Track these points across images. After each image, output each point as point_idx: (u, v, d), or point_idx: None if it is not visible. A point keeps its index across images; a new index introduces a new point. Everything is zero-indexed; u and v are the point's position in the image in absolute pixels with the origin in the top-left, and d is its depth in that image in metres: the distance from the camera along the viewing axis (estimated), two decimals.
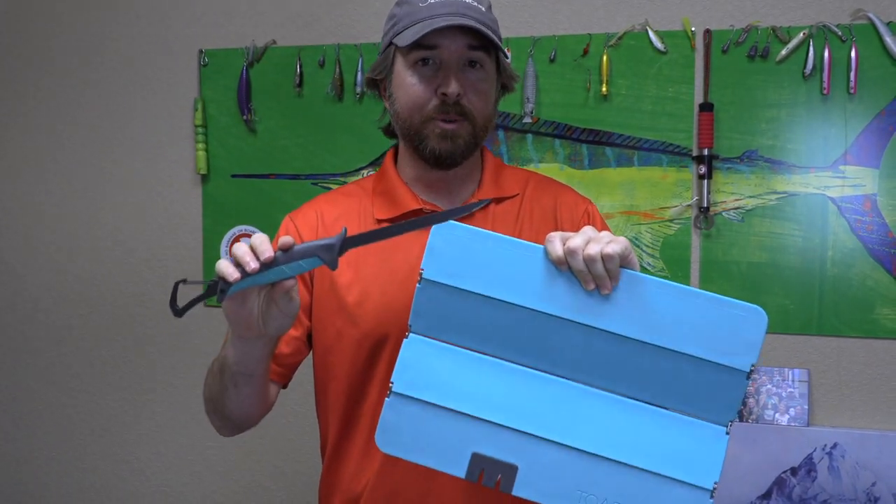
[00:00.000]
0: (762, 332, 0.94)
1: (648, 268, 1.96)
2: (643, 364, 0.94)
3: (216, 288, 0.94)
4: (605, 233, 0.94)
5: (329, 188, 2.12)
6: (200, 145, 2.18)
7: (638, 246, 1.97)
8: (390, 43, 1.16)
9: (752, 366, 0.94)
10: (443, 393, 0.95)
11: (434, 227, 0.96)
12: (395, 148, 1.27)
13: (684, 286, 0.94)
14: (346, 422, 1.20)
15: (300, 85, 2.12)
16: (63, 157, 2.32)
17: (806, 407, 1.87)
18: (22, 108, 2.35)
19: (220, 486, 2.27)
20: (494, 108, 1.20)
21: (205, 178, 2.21)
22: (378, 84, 1.23)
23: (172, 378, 2.28)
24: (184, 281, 0.99)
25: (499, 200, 1.21)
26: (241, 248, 0.92)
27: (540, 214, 1.21)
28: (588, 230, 0.94)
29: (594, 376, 0.95)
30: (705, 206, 1.90)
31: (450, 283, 0.96)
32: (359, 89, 2.08)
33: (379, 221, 1.18)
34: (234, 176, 2.19)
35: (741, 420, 1.90)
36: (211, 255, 2.21)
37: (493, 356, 0.96)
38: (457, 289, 0.96)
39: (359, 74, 2.08)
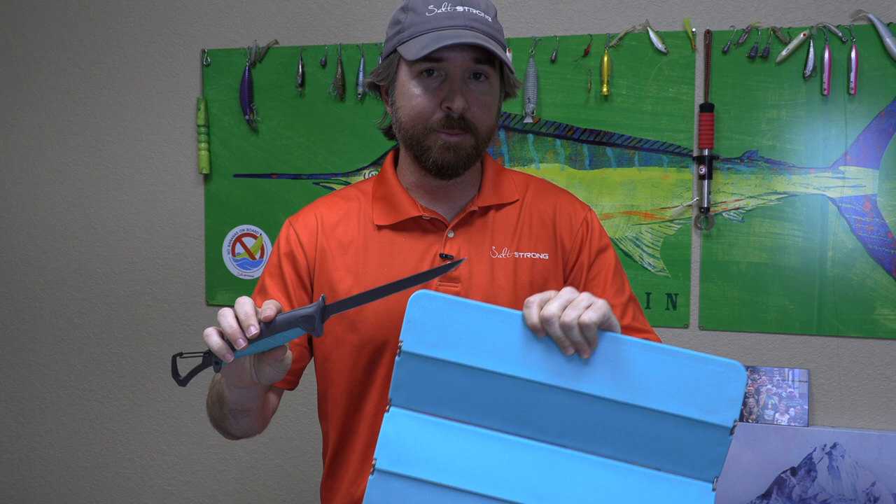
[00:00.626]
0: (742, 387, 0.93)
1: (649, 268, 1.97)
2: (627, 425, 0.94)
3: (211, 360, 0.98)
4: (584, 295, 0.93)
5: (331, 188, 2.13)
6: (203, 145, 2.19)
7: (638, 246, 1.97)
8: (394, 50, 1.14)
9: (735, 421, 0.94)
10: (427, 467, 0.94)
11: (411, 298, 0.95)
12: (395, 150, 1.27)
13: (664, 346, 0.94)
14: (346, 428, 1.21)
15: (302, 85, 2.13)
16: (66, 156, 2.33)
17: (806, 407, 1.88)
18: (25, 108, 2.36)
19: (222, 485, 2.28)
20: (498, 118, 1.19)
21: (207, 178, 2.22)
22: (379, 87, 1.22)
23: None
24: (180, 354, 1.04)
25: (498, 207, 1.21)
26: (231, 325, 0.94)
27: (539, 221, 1.21)
28: (566, 293, 0.93)
29: (578, 440, 0.94)
30: (706, 206, 1.91)
31: (430, 354, 0.94)
32: (360, 89, 2.09)
33: (379, 227, 1.18)
34: (236, 175, 2.20)
35: (741, 420, 1.90)
36: (213, 255, 2.22)
37: (477, 426, 0.95)
38: (437, 359, 0.94)
39: (360, 74, 2.08)
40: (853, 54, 1.83)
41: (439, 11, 1.10)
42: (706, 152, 1.89)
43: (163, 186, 2.26)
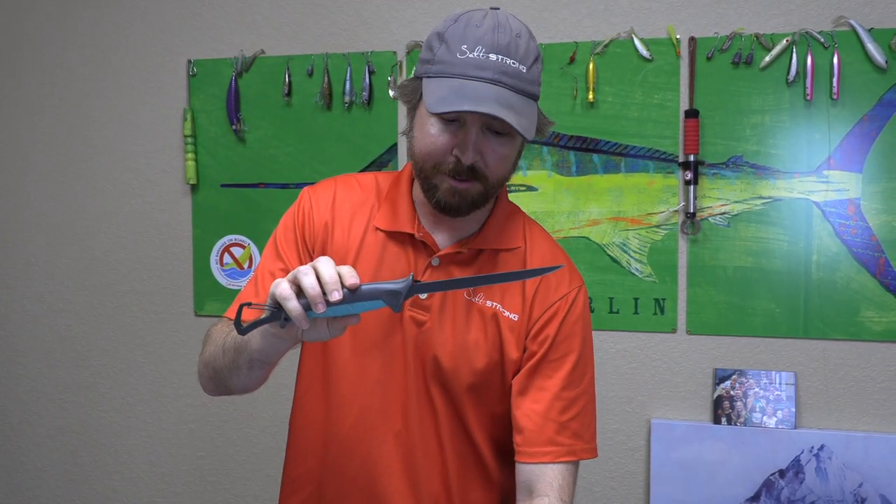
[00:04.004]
0: None
1: (636, 273, 1.98)
2: None
3: (279, 315, 0.95)
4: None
5: None
6: (190, 155, 2.18)
7: (626, 251, 1.98)
8: (422, 76, 1.10)
9: None
10: None
11: None
12: None
13: None
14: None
15: (289, 94, 2.13)
16: (52, 167, 2.32)
17: (793, 409, 1.89)
18: (11, 119, 2.35)
19: (212, 496, 2.27)
20: (515, 164, 1.15)
21: (194, 188, 2.22)
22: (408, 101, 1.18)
23: (163, 388, 2.29)
24: (248, 304, 1.00)
25: (496, 252, 1.18)
26: (314, 287, 0.92)
27: (530, 281, 1.18)
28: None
29: None
30: (692, 211, 1.92)
31: None
32: (347, 98, 2.09)
33: (376, 229, 1.18)
34: (223, 185, 2.20)
35: (729, 423, 1.92)
36: (201, 265, 2.22)
37: None
38: None
39: (347, 83, 2.09)
40: (835, 60, 1.85)
41: (471, 56, 1.04)
42: (691, 158, 1.91)
43: (150, 197, 2.26)
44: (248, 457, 2.24)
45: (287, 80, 2.13)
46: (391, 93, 2.07)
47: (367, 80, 2.08)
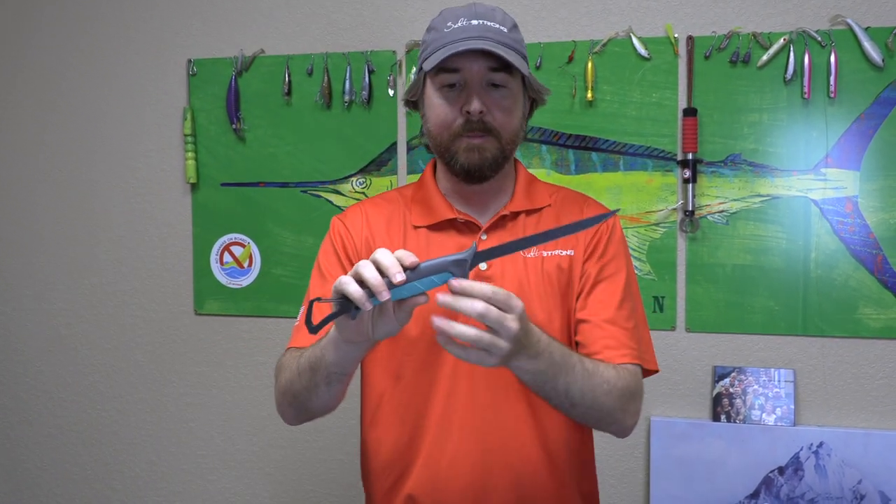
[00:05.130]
0: None
1: (636, 271, 1.98)
2: None
3: (349, 307, 0.95)
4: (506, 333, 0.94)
5: (318, 196, 2.14)
6: (190, 154, 2.19)
7: None
8: (420, 67, 1.22)
9: None
10: None
11: None
12: (434, 162, 1.32)
13: None
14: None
15: (288, 93, 2.14)
16: (52, 166, 2.33)
17: (792, 406, 1.90)
18: (11, 118, 2.35)
19: (213, 496, 2.27)
20: (523, 123, 1.24)
21: (194, 187, 2.22)
22: (415, 104, 1.28)
23: (163, 387, 2.29)
24: (318, 299, 1.00)
25: (529, 212, 1.26)
26: (375, 276, 0.93)
27: (565, 221, 1.24)
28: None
29: None
30: (690, 209, 1.93)
31: None
32: (347, 97, 2.10)
33: (415, 227, 1.25)
34: (223, 184, 2.20)
35: (728, 420, 1.92)
36: (201, 264, 2.22)
37: None
38: None
39: (347, 83, 2.10)
40: (832, 58, 1.86)
41: (456, 26, 1.17)
42: (690, 156, 1.92)
43: (150, 196, 2.26)
44: (248, 455, 2.24)
45: (287, 79, 2.13)
46: (391, 92, 2.08)
47: (367, 79, 2.08)
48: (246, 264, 2.20)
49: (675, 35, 1.95)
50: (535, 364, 1.03)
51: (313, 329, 0.98)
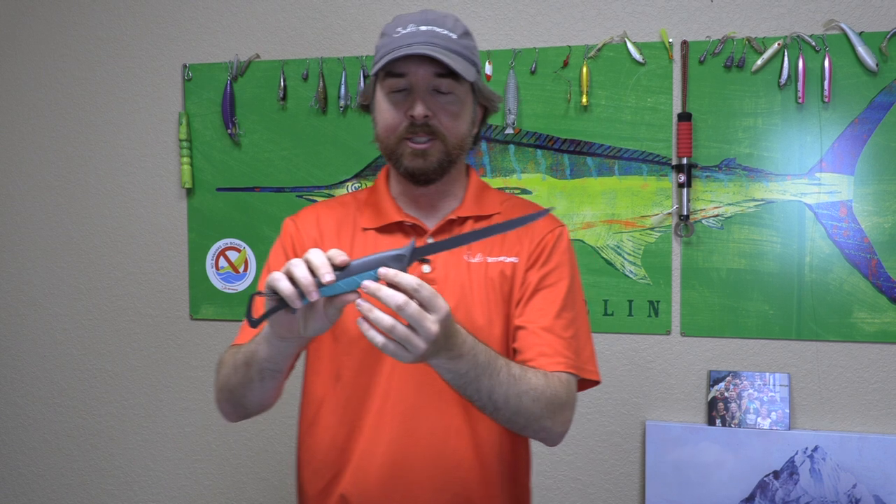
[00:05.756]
0: None
1: (630, 275, 1.99)
2: None
3: (285, 303, 0.96)
4: (427, 320, 0.93)
5: (314, 200, 2.14)
6: (185, 159, 2.19)
7: (620, 254, 1.99)
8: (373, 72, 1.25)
9: None
10: None
11: None
12: (388, 166, 1.34)
13: None
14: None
15: (284, 98, 2.14)
16: (47, 171, 2.32)
17: (787, 411, 1.90)
18: (5, 123, 2.35)
19: (208, 500, 2.27)
20: (471, 128, 1.24)
21: (190, 192, 2.22)
22: (368, 108, 1.30)
23: (159, 392, 2.29)
24: (259, 293, 1.01)
25: (478, 218, 1.27)
26: (305, 277, 0.93)
27: (513, 233, 1.26)
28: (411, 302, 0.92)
29: None
30: (685, 213, 1.93)
31: None
32: (342, 102, 2.10)
33: (364, 230, 1.26)
34: (219, 189, 2.20)
35: (723, 425, 1.92)
36: (196, 269, 2.22)
37: None
38: None
39: (342, 87, 2.10)
40: (826, 63, 1.86)
41: (405, 32, 1.18)
42: (685, 161, 1.92)
43: (145, 201, 2.26)
44: (243, 460, 2.24)
45: (282, 84, 2.13)
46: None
47: (362, 83, 2.09)
48: (241, 269, 2.20)
49: (670, 40, 1.95)
50: (456, 365, 1.02)
51: (253, 323, 0.99)
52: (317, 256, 0.95)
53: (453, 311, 1.15)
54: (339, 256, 0.95)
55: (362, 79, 2.08)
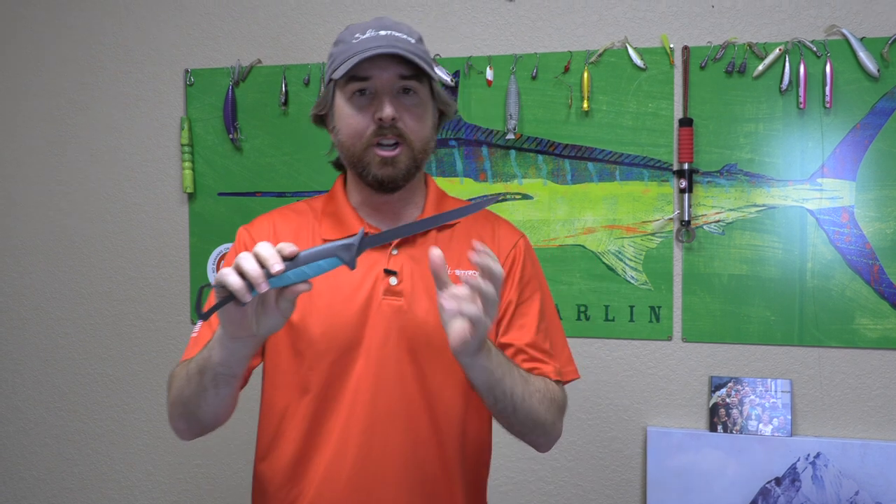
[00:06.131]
0: None
1: (632, 281, 1.98)
2: None
3: (232, 297, 0.95)
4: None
5: None
6: (187, 164, 2.19)
7: (621, 259, 1.99)
8: (330, 79, 1.22)
9: None
10: None
11: None
12: (345, 175, 1.33)
13: None
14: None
15: (286, 103, 2.15)
16: (49, 176, 2.33)
17: (789, 417, 1.89)
18: (8, 129, 2.36)
19: None
20: (433, 133, 1.25)
21: (191, 197, 2.22)
22: (323, 119, 1.28)
23: (161, 396, 2.28)
24: (207, 286, 1.01)
25: (440, 228, 1.26)
26: (253, 269, 0.93)
27: (478, 241, 1.24)
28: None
29: None
30: (686, 219, 1.93)
31: None
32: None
33: (325, 241, 1.22)
34: (220, 194, 2.20)
35: (725, 431, 1.92)
36: (198, 273, 2.22)
37: None
38: None
39: None
40: (828, 68, 1.86)
41: (364, 37, 1.18)
42: (686, 166, 1.92)
43: (147, 206, 2.27)
44: (244, 465, 2.24)
45: (284, 89, 2.14)
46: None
47: None
48: None
49: (671, 45, 1.95)
50: (490, 362, 1.06)
51: (202, 315, 0.98)
52: (265, 248, 0.95)
53: (427, 323, 1.18)
54: (289, 248, 0.95)
55: None
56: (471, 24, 2.05)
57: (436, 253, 0.99)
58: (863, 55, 1.84)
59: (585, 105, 1.97)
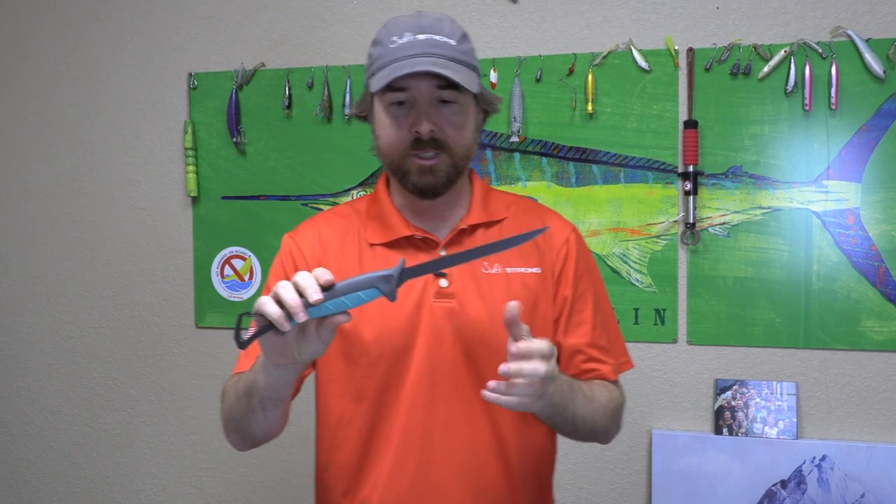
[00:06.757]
0: None
1: (636, 283, 1.98)
2: None
3: (272, 325, 0.94)
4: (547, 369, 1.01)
5: (319, 209, 2.14)
6: (191, 168, 2.19)
7: (626, 262, 1.99)
8: (368, 84, 1.19)
9: None
10: None
11: None
12: (387, 173, 1.30)
13: None
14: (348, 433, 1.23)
15: (289, 107, 2.14)
16: (53, 180, 2.33)
17: (794, 420, 1.89)
18: (13, 132, 2.36)
19: None
20: (475, 135, 1.22)
21: (195, 201, 2.22)
22: (366, 117, 1.26)
23: (165, 400, 2.29)
24: (247, 313, 0.99)
25: (488, 225, 1.24)
26: (293, 298, 0.93)
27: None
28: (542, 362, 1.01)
29: None
30: (691, 221, 1.92)
31: None
32: (347, 111, 2.10)
33: (371, 245, 1.21)
34: (224, 198, 2.20)
35: (730, 434, 1.91)
36: (202, 277, 2.22)
37: None
38: None
39: (347, 96, 2.10)
40: (833, 70, 1.85)
41: (401, 42, 1.13)
42: (691, 168, 1.91)
43: (151, 209, 2.27)
44: (249, 468, 2.24)
45: (287, 92, 2.13)
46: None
47: None
48: (247, 277, 2.20)
49: (676, 47, 1.94)
50: (553, 398, 1.07)
51: (241, 344, 0.97)
52: (304, 278, 0.94)
53: (481, 323, 1.17)
54: (325, 276, 0.94)
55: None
56: (475, 26, 2.05)
57: (512, 305, 1.00)
58: (869, 56, 1.84)
59: (590, 107, 1.97)
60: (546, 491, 1.31)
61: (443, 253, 1.20)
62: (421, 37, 1.13)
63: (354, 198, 2.12)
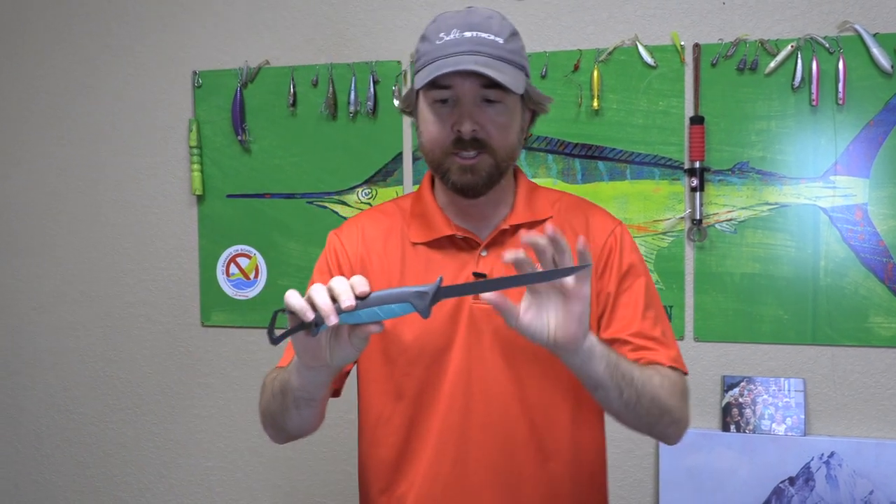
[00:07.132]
0: None
1: None
2: None
3: (310, 323, 0.94)
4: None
5: (324, 207, 2.13)
6: (195, 166, 2.19)
7: None
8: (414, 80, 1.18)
9: None
10: None
11: None
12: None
13: None
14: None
15: (294, 104, 2.14)
16: (58, 179, 2.33)
17: (802, 416, 1.88)
18: (18, 131, 2.36)
19: None
20: (520, 136, 1.19)
21: (200, 199, 2.22)
22: (412, 112, 1.25)
23: (171, 398, 2.29)
24: (282, 310, 0.99)
25: (531, 224, 1.21)
26: (325, 303, 0.92)
27: (572, 235, 1.20)
28: None
29: None
30: (698, 218, 1.91)
31: None
32: (352, 108, 2.10)
33: (414, 244, 1.21)
34: (229, 196, 2.20)
35: (738, 430, 1.91)
36: (207, 275, 2.22)
37: None
38: None
39: (352, 93, 2.09)
40: (840, 65, 1.84)
41: (448, 39, 1.11)
42: (697, 164, 1.90)
43: (156, 208, 2.26)
44: (255, 467, 2.24)
45: (292, 90, 2.13)
46: (396, 103, 2.08)
47: (372, 89, 2.08)
48: (252, 276, 2.19)
49: (682, 43, 1.94)
50: (603, 349, 1.03)
51: (273, 340, 0.98)
52: (339, 283, 0.94)
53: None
54: (361, 287, 0.94)
55: (372, 85, 2.08)
56: None
57: (582, 240, 0.96)
58: (876, 51, 1.83)
59: (595, 104, 1.96)
60: (599, 499, 1.27)
61: (483, 254, 1.19)
62: (468, 34, 1.11)
63: (359, 196, 2.12)
